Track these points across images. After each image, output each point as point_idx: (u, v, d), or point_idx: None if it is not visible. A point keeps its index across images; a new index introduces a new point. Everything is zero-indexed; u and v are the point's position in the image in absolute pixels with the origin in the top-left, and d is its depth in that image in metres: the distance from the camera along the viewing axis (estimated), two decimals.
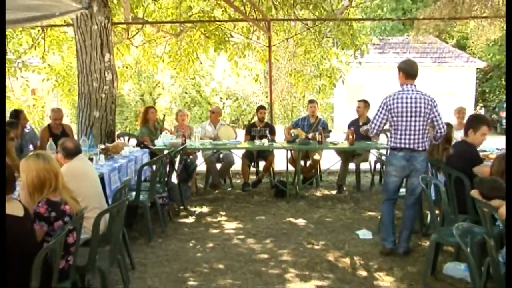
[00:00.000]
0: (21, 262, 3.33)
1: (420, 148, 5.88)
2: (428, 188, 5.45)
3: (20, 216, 3.67)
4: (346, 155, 9.45)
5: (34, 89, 16.05)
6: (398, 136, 5.90)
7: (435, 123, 5.91)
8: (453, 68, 25.90)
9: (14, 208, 3.67)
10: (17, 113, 9.27)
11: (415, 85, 5.90)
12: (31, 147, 9.21)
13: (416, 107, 5.77)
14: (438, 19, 10.57)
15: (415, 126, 5.81)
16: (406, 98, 5.79)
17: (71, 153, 5.42)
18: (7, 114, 9.43)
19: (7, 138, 6.76)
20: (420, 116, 5.79)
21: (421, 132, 5.84)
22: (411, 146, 5.85)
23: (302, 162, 9.48)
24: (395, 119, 5.87)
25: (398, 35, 27.52)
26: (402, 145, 5.88)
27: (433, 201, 5.51)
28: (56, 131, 8.91)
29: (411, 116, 5.80)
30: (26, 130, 9.41)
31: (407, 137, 5.85)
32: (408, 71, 5.91)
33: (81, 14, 8.57)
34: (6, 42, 12.55)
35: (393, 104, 5.85)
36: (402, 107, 5.80)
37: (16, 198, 4.03)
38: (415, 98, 5.79)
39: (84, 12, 8.47)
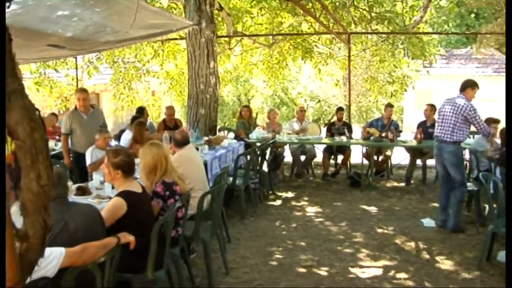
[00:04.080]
0: (141, 230, 3.47)
1: (448, 140, 6.07)
2: (488, 184, 5.26)
3: (139, 192, 3.83)
4: (414, 152, 9.21)
5: (153, 91, 16.58)
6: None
7: (473, 124, 6.14)
8: None
9: (134, 187, 3.84)
10: (141, 110, 9.62)
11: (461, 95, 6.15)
12: None
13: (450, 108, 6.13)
14: (499, 33, 10.08)
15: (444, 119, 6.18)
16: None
17: (181, 143, 5.58)
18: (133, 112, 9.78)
19: (142, 129, 7.10)
20: (452, 114, 6.07)
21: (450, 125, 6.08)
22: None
23: (375, 157, 9.32)
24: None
25: (462, 47, 26.37)
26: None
27: (491, 195, 5.30)
28: (170, 125, 9.17)
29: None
30: (147, 124, 9.75)
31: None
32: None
33: (192, 29, 8.80)
34: (134, 53, 13.10)
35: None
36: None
37: (136, 178, 4.21)
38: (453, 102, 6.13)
39: (194, 27, 8.70)
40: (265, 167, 8.44)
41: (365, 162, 9.20)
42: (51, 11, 4.74)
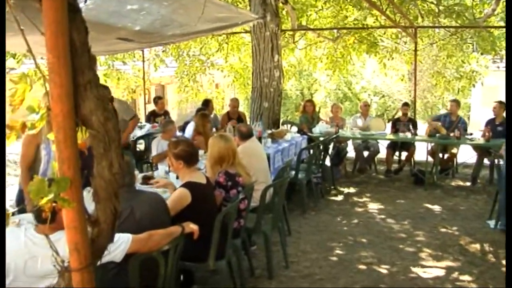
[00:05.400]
0: (205, 220, 3.52)
1: None
2: None
3: (204, 183, 3.90)
4: (482, 151, 8.88)
5: (217, 83, 16.81)
6: None
7: None
8: None
9: (198, 177, 3.91)
10: (207, 102, 9.77)
11: None
12: (214, 129, 9.65)
13: None
14: None
15: None
16: None
17: (245, 136, 5.63)
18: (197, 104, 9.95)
19: (206, 121, 7.22)
20: None
21: None
22: None
23: (440, 155, 9.05)
24: None
25: None
26: None
27: None
28: (233, 117, 9.26)
29: None
30: (211, 116, 9.89)
31: None
32: None
33: (257, 23, 8.83)
34: (199, 46, 13.32)
35: None
36: None
37: (200, 169, 4.29)
38: None
39: (259, 21, 8.72)
40: (327, 162, 8.37)
41: (430, 159, 8.94)
42: (121, 5, 4.88)
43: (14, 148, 10.22)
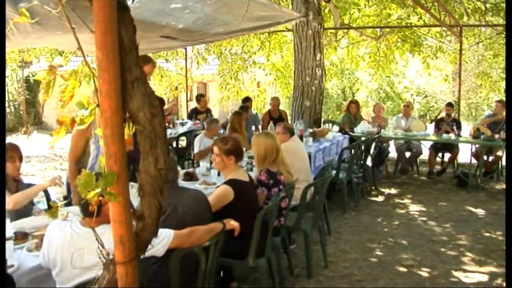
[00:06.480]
0: (246, 218, 3.53)
1: None
2: None
3: (246, 181, 3.92)
4: None
5: (258, 82, 16.84)
6: None
7: None
8: None
9: (241, 174, 3.93)
10: (246, 100, 9.83)
11: None
12: (253, 127, 9.70)
13: None
14: None
15: None
16: None
17: (292, 132, 5.67)
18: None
19: (241, 119, 7.27)
20: None
21: None
22: None
23: (484, 157, 8.82)
24: None
25: None
26: None
27: None
28: (274, 115, 9.27)
29: None
30: (252, 113, 9.95)
31: None
32: None
33: (299, 21, 8.80)
34: (241, 45, 13.38)
35: None
36: None
37: (242, 167, 4.31)
38: None
39: (302, 19, 8.69)
40: (369, 162, 8.28)
41: (474, 161, 8.73)
42: (165, 4, 4.94)
43: (60, 144, 10.53)
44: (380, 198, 7.82)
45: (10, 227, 3.35)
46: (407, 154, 9.42)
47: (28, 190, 3.92)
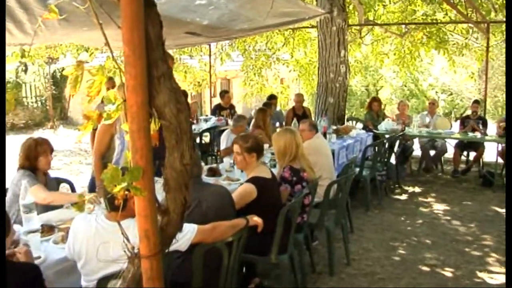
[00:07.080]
0: (269, 214, 3.53)
1: None
2: None
3: (269, 177, 3.92)
4: None
5: (282, 78, 16.82)
6: None
7: None
8: None
9: (264, 171, 3.94)
10: (271, 97, 9.82)
11: None
12: (277, 124, 9.69)
13: None
14: None
15: None
16: None
17: (316, 128, 5.66)
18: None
19: (265, 115, 7.27)
20: None
21: None
22: None
23: None
24: None
25: None
26: None
27: None
28: (298, 112, 9.24)
29: None
30: (276, 110, 9.95)
31: None
32: None
33: (324, 18, 8.76)
34: (265, 41, 13.38)
35: None
36: None
37: (265, 163, 4.31)
38: None
39: (326, 16, 8.64)
40: (392, 160, 8.20)
41: (500, 160, 8.59)
42: (191, 0, 4.97)
43: (85, 139, 10.66)
44: (404, 197, 7.74)
45: (37, 220, 3.41)
46: (432, 152, 9.31)
47: (67, 197, 3.99)
